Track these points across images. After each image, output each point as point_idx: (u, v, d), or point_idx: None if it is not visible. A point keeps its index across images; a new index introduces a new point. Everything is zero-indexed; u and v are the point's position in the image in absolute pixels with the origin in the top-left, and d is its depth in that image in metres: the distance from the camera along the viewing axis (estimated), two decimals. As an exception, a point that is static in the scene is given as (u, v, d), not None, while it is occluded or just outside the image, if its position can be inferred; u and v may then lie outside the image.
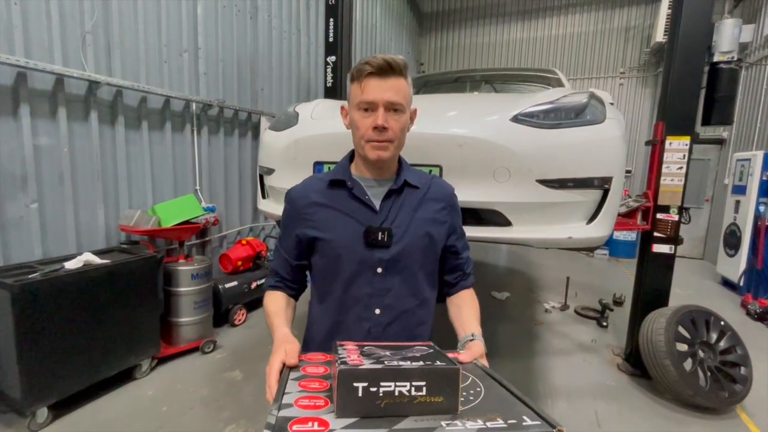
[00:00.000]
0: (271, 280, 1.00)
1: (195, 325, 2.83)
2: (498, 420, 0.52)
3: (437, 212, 0.95)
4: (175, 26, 3.13)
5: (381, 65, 0.84)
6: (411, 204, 0.93)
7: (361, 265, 0.88)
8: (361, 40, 5.99)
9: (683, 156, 2.53)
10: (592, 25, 7.38)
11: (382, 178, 0.94)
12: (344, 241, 0.89)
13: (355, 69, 0.86)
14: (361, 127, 0.86)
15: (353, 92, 0.88)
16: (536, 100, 1.65)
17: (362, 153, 0.89)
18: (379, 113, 0.84)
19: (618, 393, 2.54)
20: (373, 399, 0.51)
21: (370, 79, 0.84)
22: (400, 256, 0.89)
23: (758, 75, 5.44)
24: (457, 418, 0.52)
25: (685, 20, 2.47)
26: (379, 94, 0.83)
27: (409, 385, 0.52)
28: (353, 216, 0.90)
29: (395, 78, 0.85)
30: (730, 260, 4.90)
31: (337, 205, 0.92)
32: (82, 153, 2.54)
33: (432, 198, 0.96)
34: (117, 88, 2.68)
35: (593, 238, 1.56)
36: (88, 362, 2.17)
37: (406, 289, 0.91)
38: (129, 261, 2.37)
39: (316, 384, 0.61)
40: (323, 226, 0.91)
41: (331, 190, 0.94)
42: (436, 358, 0.60)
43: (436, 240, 0.95)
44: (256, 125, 4.05)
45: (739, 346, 2.46)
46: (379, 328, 0.90)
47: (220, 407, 2.26)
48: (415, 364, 0.56)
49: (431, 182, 0.99)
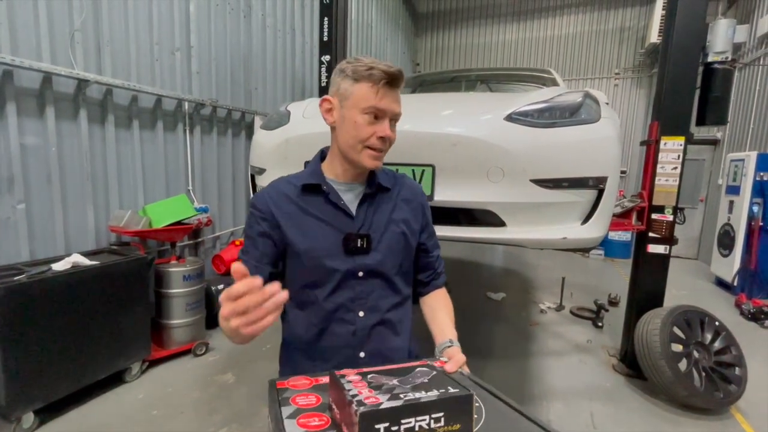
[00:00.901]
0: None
1: (187, 327, 2.79)
2: None
3: (410, 212, 0.96)
4: (167, 24, 3.09)
5: (396, 75, 0.82)
6: (385, 207, 0.93)
7: (342, 273, 0.87)
8: (357, 39, 5.96)
9: (678, 156, 2.53)
10: (587, 26, 7.40)
11: (356, 182, 0.92)
12: (325, 250, 0.87)
13: (363, 69, 0.81)
14: (364, 132, 0.83)
15: (360, 93, 0.82)
16: (530, 99, 1.64)
17: (356, 157, 0.86)
18: (386, 124, 0.84)
19: (613, 394, 2.53)
20: None
21: (386, 88, 0.82)
22: (379, 260, 0.89)
23: (751, 76, 5.48)
24: None
25: (679, 21, 2.47)
26: (391, 106, 0.84)
27: (428, 418, 0.51)
28: (331, 223, 0.88)
29: (399, 90, 0.86)
30: (724, 260, 4.92)
31: (313, 211, 0.88)
32: (71, 152, 2.50)
33: (404, 198, 0.96)
34: (107, 87, 2.64)
35: (588, 239, 1.55)
36: (76, 366, 2.13)
37: (387, 290, 0.92)
38: (119, 262, 2.33)
39: (315, 420, 0.57)
40: (301, 234, 0.87)
41: (304, 195, 0.89)
42: (445, 382, 0.59)
43: (411, 240, 0.96)
44: (249, 125, 4.01)
45: (734, 347, 2.46)
46: (365, 330, 0.89)
47: (212, 410, 2.22)
48: (431, 395, 0.54)
49: (401, 182, 0.99)
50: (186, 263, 2.83)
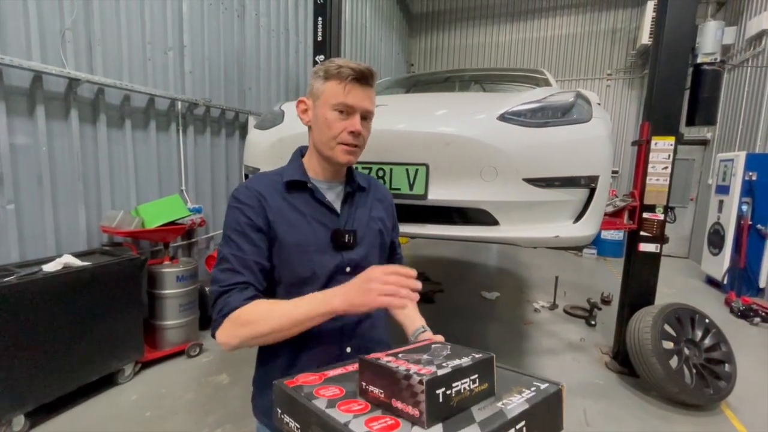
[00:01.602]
0: (241, 293, 0.80)
1: (180, 329, 2.77)
2: (524, 390, 0.60)
3: (383, 211, 1.02)
4: (160, 23, 3.07)
5: (365, 73, 0.85)
6: (364, 205, 0.98)
7: (332, 268, 0.89)
8: (351, 40, 5.96)
9: (668, 156, 2.56)
10: (579, 27, 7.47)
11: (335, 180, 0.95)
12: (315, 245, 0.88)
13: (333, 68, 0.84)
14: (335, 128, 0.86)
15: (330, 90, 0.85)
16: (523, 99, 1.65)
17: (330, 154, 0.89)
18: (356, 119, 0.86)
19: (606, 391, 2.56)
20: (448, 401, 0.54)
21: (354, 84, 0.85)
22: (365, 256, 0.93)
23: (740, 77, 5.56)
24: (500, 399, 0.58)
25: (669, 22, 2.50)
26: (360, 102, 0.86)
27: (468, 381, 0.57)
28: (318, 219, 0.89)
29: (371, 88, 0.88)
30: (714, 259, 4.99)
31: (300, 207, 0.89)
32: (62, 152, 2.47)
33: (377, 198, 1.02)
34: (98, 86, 2.62)
35: (580, 237, 1.56)
36: (68, 367, 2.10)
37: None
38: (111, 263, 2.31)
39: (355, 405, 0.58)
40: (292, 230, 0.87)
41: (290, 191, 0.90)
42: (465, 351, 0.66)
43: (386, 236, 1.02)
44: (243, 125, 4.00)
45: (724, 344, 2.49)
46: (351, 326, 0.92)
47: (206, 412, 2.21)
48: (466, 360, 0.60)
49: (373, 184, 1.05)
50: (179, 264, 2.81)
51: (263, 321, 0.76)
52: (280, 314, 0.76)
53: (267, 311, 0.77)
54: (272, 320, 0.76)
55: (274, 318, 0.76)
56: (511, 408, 0.55)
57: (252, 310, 0.78)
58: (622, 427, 2.21)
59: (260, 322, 0.76)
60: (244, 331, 0.77)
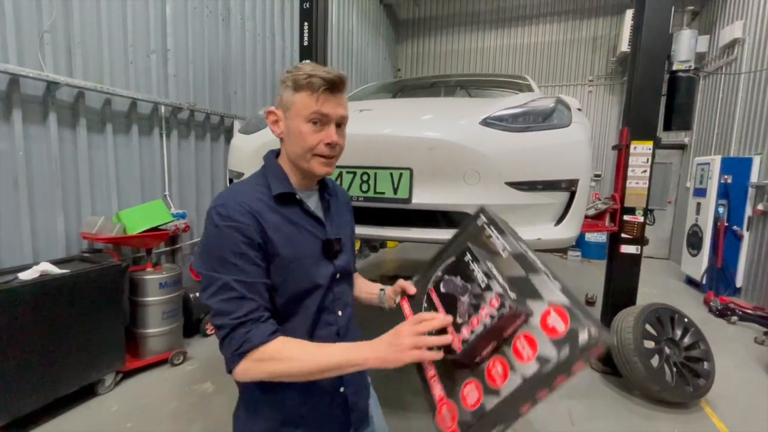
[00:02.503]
0: (264, 326, 0.76)
1: (163, 336, 2.71)
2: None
3: (349, 213, 1.07)
4: (142, 26, 3.03)
5: (335, 81, 0.82)
6: (337, 210, 0.99)
7: (329, 278, 0.90)
8: (338, 45, 5.98)
9: (647, 160, 2.64)
10: (562, 35, 7.64)
11: (309, 189, 0.94)
12: (312, 259, 0.88)
13: (303, 78, 0.81)
14: (310, 141, 0.83)
15: (302, 102, 0.82)
16: (505, 105, 1.68)
17: (306, 166, 0.86)
18: (331, 130, 0.84)
19: (591, 391, 2.59)
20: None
21: (326, 94, 0.82)
22: (348, 260, 0.96)
23: (715, 84, 5.77)
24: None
25: (646, 31, 2.58)
26: (334, 110, 0.83)
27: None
28: (310, 230, 0.89)
29: (343, 94, 0.86)
30: (693, 260, 5.13)
31: (294, 220, 0.87)
32: (40, 157, 2.41)
33: (343, 201, 1.05)
34: (78, 90, 2.57)
35: (562, 239, 1.59)
36: (45, 379, 2.04)
37: (349, 287, 1.00)
38: (91, 270, 2.25)
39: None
40: (291, 246, 0.85)
41: (280, 204, 0.87)
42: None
43: (354, 238, 1.08)
44: (229, 129, 3.96)
45: (702, 342, 2.56)
46: (344, 328, 0.94)
47: (190, 420, 2.17)
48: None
49: (337, 188, 1.05)
50: (163, 270, 2.76)
51: (294, 363, 0.73)
52: (310, 358, 0.74)
53: (297, 352, 0.75)
54: (301, 363, 0.73)
55: (304, 361, 0.73)
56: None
57: (279, 349, 0.75)
58: (607, 426, 2.24)
59: (292, 363, 0.73)
60: (269, 368, 0.74)
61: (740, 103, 5.02)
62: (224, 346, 0.76)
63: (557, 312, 0.59)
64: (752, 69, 4.81)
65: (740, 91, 5.01)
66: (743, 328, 3.75)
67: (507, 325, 0.64)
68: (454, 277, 0.79)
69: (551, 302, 0.61)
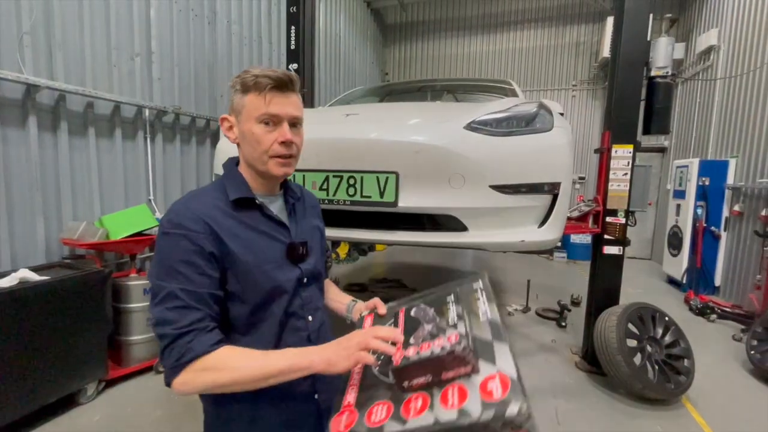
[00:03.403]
0: (207, 336, 0.73)
1: (148, 344, 2.66)
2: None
3: (317, 217, 1.05)
4: (126, 29, 2.99)
5: (283, 79, 0.81)
6: (303, 214, 0.98)
7: (294, 282, 0.88)
8: (325, 49, 6.00)
9: (628, 163, 2.71)
10: (545, 40, 7.80)
11: (272, 193, 0.93)
12: (274, 262, 0.86)
13: (250, 80, 0.80)
14: (264, 142, 0.82)
15: (252, 104, 0.81)
16: (489, 109, 1.71)
17: (263, 168, 0.85)
18: (284, 128, 0.82)
19: (576, 390, 2.64)
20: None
21: (273, 92, 0.81)
22: (315, 264, 0.95)
23: (692, 89, 5.95)
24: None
25: (625, 38, 2.66)
26: (284, 109, 0.82)
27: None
28: (272, 235, 0.87)
29: (294, 93, 0.85)
30: (673, 260, 5.27)
31: (252, 225, 0.85)
32: (19, 161, 2.35)
33: (311, 205, 1.04)
34: (59, 93, 2.52)
35: (545, 241, 1.63)
36: (23, 389, 1.98)
37: (319, 291, 0.99)
38: (72, 277, 2.20)
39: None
40: (250, 251, 0.82)
41: (238, 210, 0.85)
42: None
43: (324, 242, 1.06)
44: (215, 132, 3.93)
45: (682, 340, 2.63)
46: (315, 333, 0.93)
47: (176, 429, 2.13)
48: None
49: (304, 192, 1.05)
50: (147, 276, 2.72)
51: (236, 372, 0.71)
52: (253, 366, 0.71)
53: (239, 360, 0.72)
54: (246, 372, 0.71)
55: (247, 369, 0.71)
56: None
57: (221, 357, 0.72)
58: (592, 425, 2.28)
59: (232, 372, 0.71)
60: (215, 380, 0.71)
61: (716, 107, 5.19)
62: (164, 357, 0.72)
63: (501, 380, 0.59)
64: (727, 75, 4.99)
65: (716, 96, 5.18)
66: (722, 326, 3.86)
67: (451, 365, 0.63)
68: (428, 307, 0.80)
69: (501, 369, 0.61)
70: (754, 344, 2.95)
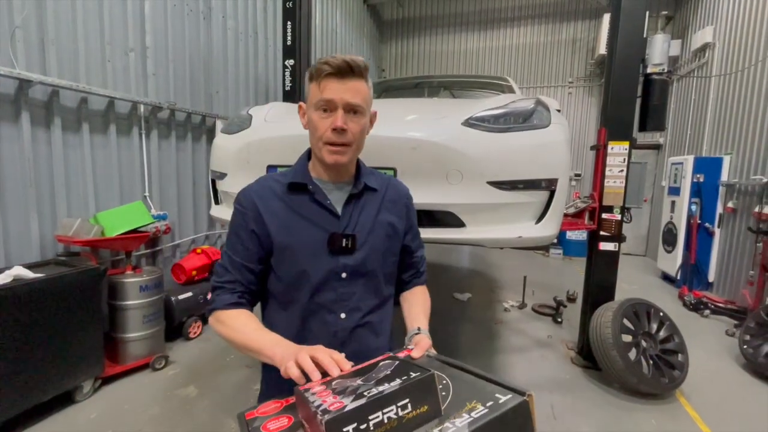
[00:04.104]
0: (227, 296, 0.86)
1: (144, 341, 2.66)
2: (478, 407, 0.54)
3: (396, 214, 0.96)
4: (120, 23, 2.96)
5: (341, 66, 0.81)
6: (372, 208, 0.92)
7: (326, 272, 0.87)
8: (321, 44, 5.96)
9: (623, 160, 2.72)
10: (542, 37, 7.80)
11: (341, 181, 0.92)
12: (309, 249, 0.86)
13: (314, 68, 0.84)
14: (319, 128, 0.83)
15: (311, 91, 0.85)
16: (487, 106, 1.71)
17: (319, 155, 0.87)
18: (338, 114, 0.82)
19: (572, 385, 2.66)
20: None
21: (329, 79, 0.82)
22: (363, 261, 0.89)
23: (688, 86, 5.98)
24: (445, 420, 0.53)
25: (621, 35, 2.67)
26: (338, 95, 0.82)
27: (395, 408, 0.52)
28: (316, 222, 0.88)
29: (355, 80, 0.83)
30: (668, 256, 5.31)
31: (298, 209, 0.88)
32: (11, 157, 2.33)
33: (390, 200, 0.96)
34: (52, 88, 2.49)
35: (542, 237, 1.63)
36: (18, 387, 1.97)
37: (369, 291, 0.92)
38: (66, 274, 2.19)
39: None
40: (286, 233, 0.87)
41: (291, 193, 0.89)
42: (407, 369, 0.60)
43: (395, 242, 0.96)
44: (210, 129, 3.90)
45: (676, 335, 2.66)
46: (345, 332, 0.90)
47: (173, 426, 2.13)
48: (394, 384, 0.55)
49: (388, 184, 0.99)
50: (143, 273, 2.70)
51: (232, 332, 0.83)
52: (242, 335, 0.82)
53: (238, 326, 0.83)
54: (237, 336, 0.82)
55: (238, 335, 0.82)
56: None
57: (229, 318, 0.85)
58: (587, 419, 2.30)
59: (230, 332, 0.83)
60: (220, 331, 0.85)
61: (711, 104, 5.22)
62: (210, 298, 0.90)
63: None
64: (722, 72, 5.02)
65: (711, 94, 5.21)
66: (715, 321, 3.90)
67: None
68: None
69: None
70: (746, 339, 2.99)
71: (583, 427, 2.23)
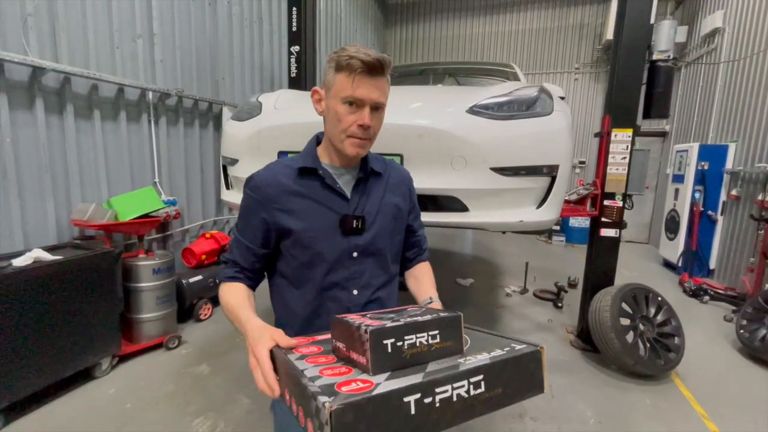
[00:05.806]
0: (229, 270, 0.96)
1: (158, 321, 2.76)
2: (496, 350, 0.62)
3: (399, 196, 1.02)
4: (128, 10, 2.98)
5: (374, 65, 0.83)
6: (377, 190, 0.98)
7: (339, 252, 0.93)
8: (326, 30, 5.93)
9: (627, 147, 2.74)
10: (549, 22, 7.68)
11: (350, 166, 0.97)
12: (323, 231, 0.91)
13: (344, 59, 0.83)
14: (344, 122, 0.86)
15: (340, 83, 0.84)
16: (491, 93, 1.75)
17: (340, 146, 0.90)
18: (365, 112, 0.85)
19: (570, 367, 2.75)
20: (400, 352, 0.57)
21: (362, 76, 0.83)
22: (373, 240, 0.95)
23: (695, 73, 5.91)
24: (465, 356, 0.60)
25: (628, 21, 2.66)
26: (369, 94, 0.84)
27: (426, 335, 0.59)
28: (327, 205, 0.92)
29: (383, 78, 0.86)
30: (670, 243, 5.35)
31: (310, 194, 0.92)
32: (27, 143, 2.39)
33: (394, 183, 1.02)
34: (64, 75, 2.54)
35: (542, 222, 1.68)
36: (41, 363, 2.08)
37: (378, 269, 0.98)
38: (84, 257, 2.27)
39: (322, 359, 0.62)
40: (299, 216, 0.91)
41: (301, 178, 0.93)
42: (435, 311, 0.68)
43: (400, 221, 1.03)
44: (217, 115, 3.94)
45: (674, 319, 2.73)
46: (358, 308, 0.95)
47: (188, 401, 2.24)
48: (427, 317, 0.62)
49: (390, 168, 1.05)
50: (155, 256, 2.79)
51: (224, 302, 0.91)
52: (229, 308, 0.89)
53: (231, 298, 0.90)
54: (226, 306, 0.90)
55: (227, 306, 0.89)
56: (469, 363, 0.56)
57: (227, 288, 0.94)
58: (584, 398, 2.39)
59: (223, 300, 0.92)
60: (221, 298, 0.94)
61: (719, 91, 5.17)
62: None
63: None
64: (731, 58, 4.95)
65: (719, 80, 5.16)
66: (714, 307, 3.96)
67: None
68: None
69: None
70: (743, 323, 3.05)
71: (580, 405, 2.32)
